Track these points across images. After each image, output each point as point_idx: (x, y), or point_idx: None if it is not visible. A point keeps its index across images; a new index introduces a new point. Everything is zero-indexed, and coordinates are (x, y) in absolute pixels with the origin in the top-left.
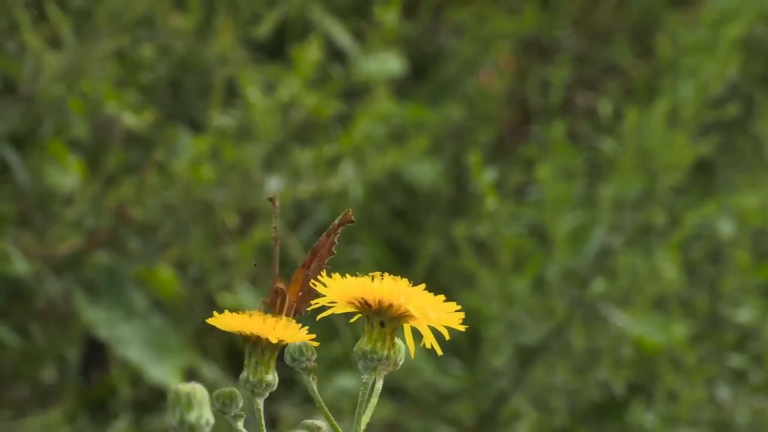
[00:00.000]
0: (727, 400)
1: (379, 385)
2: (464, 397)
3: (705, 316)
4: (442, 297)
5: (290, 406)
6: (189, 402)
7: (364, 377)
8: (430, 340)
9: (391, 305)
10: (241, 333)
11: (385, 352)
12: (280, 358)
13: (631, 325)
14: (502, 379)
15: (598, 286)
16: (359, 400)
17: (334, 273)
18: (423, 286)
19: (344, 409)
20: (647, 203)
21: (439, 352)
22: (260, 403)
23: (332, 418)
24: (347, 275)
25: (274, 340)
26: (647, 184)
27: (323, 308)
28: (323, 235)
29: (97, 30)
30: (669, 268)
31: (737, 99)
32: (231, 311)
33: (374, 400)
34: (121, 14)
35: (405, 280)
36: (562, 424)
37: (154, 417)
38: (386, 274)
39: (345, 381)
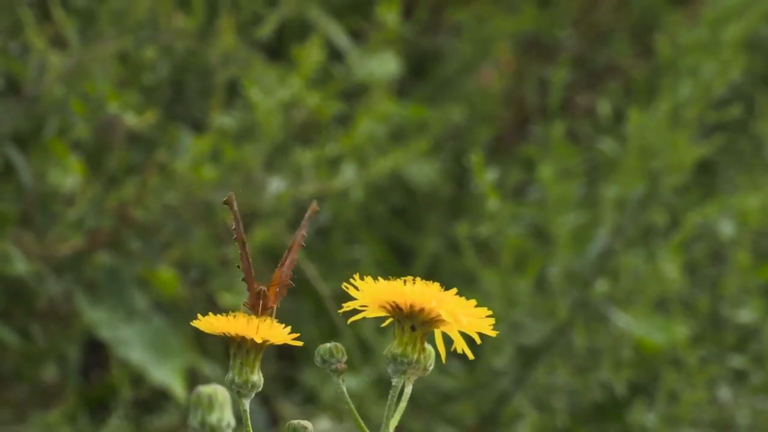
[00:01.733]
0: (728, 401)
1: (409, 389)
2: (465, 398)
3: (706, 317)
4: (473, 302)
5: (291, 406)
6: (210, 404)
7: (394, 381)
8: (461, 345)
9: (422, 309)
10: (225, 334)
11: (416, 356)
12: (281, 358)
13: (633, 325)
14: (503, 379)
15: (600, 286)
16: (388, 403)
17: (355, 275)
18: (455, 290)
19: (345, 410)
20: (649, 204)
21: (471, 356)
22: (246, 404)
23: (361, 421)
24: (355, 276)
25: (258, 341)
26: (649, 185)
27: (323, 309)
28: (297, 232)
29: (100, 31)
30: (670, 269)
31: (738, 99)
32: (232, 312)
33: (403, 404)
34: (124, 15)
35: (437, 284)
36: (564, 425)
37: (155, 417)
38: (418, 279)
39: (347, 382)
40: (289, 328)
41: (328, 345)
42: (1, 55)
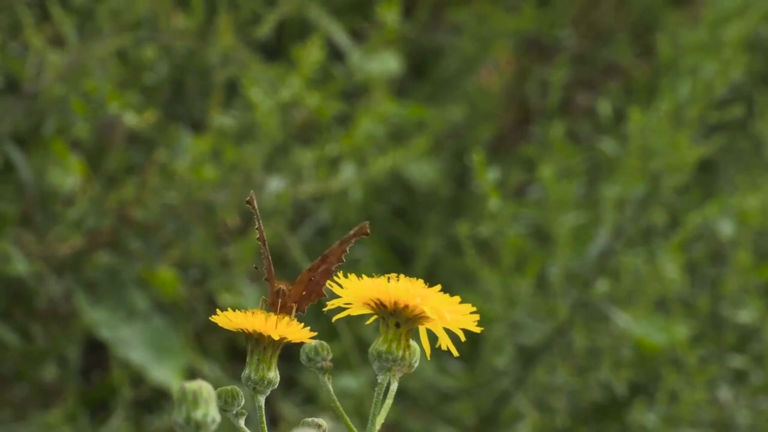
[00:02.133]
0: (728, 401)
1: (395, 386)
2: (465, 398)
3: (706, 317)
4: (457, 298)
5: (291, 406)
6: (195, 400)
7: (379, 378)
8: (445, 342)
9: (406, 306)
10: (243, 331)
11: (400, 353)
12: (281, 358)
13: (633, 325)
14: (503, 379)
15: (600, 286)
16: (374, 400)
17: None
18: (439, 287)
19: (345, 410)
20: (649, 204)
21: (455, 353)
22: (262, 400)
23: (347, 419)
24: (355, 276)
25: (276, 338)
26: (649, 185)
27: (324, 307)
28: (337, 243)
29: (99, 29)
30: (670, 269)
31: (738, 99)
32: (232, 311)
33: (389, 401)
34: (122, 13)
35: (421, 281)
36: (563, 425)
37: (155, 417)
38: (402, 276)
39: (345, 381)
40: (308, 328)
41: (313, 343)
42: (0, 53)
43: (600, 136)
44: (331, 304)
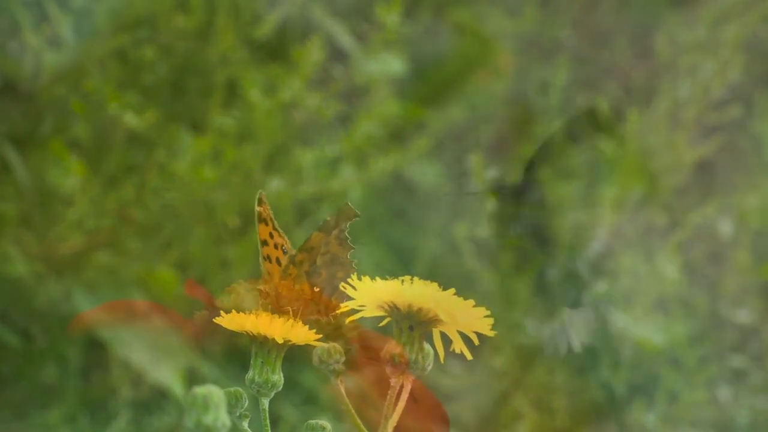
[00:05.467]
0: (727, 401)
1: (407, 389)
2: (464, 398)
3: (705, 317)
4: (471, 302)
5: (291, 407)
6: (205, 404)
7: (392, 381)
8: (459, 345)
9: (420, 309)
10: (247, 332)
11: (414, 356)
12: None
13: (632, 326)
14: (502, 379)
15: (599, 287)
16: (386, 403)
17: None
18: (453, 290)
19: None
20: (648, 204)
21: (469, 357)
22: (266, 403)
23: (359, 422)
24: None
25: (280, 341)
26: (648, 186)
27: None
28: (314, 232)
29: (97, 29)
30: (670, 269)
31: (738, 99)
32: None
33: (402, 405)
34: (121, 13)
35: (435, 284)
36: (563, 425)
37: (155, 417)
38: (416, 278)
39: (348, 381)
40: (313, 331)
41: (326, 346)
42: None
43: (599, 137)
44: (344, 307)
